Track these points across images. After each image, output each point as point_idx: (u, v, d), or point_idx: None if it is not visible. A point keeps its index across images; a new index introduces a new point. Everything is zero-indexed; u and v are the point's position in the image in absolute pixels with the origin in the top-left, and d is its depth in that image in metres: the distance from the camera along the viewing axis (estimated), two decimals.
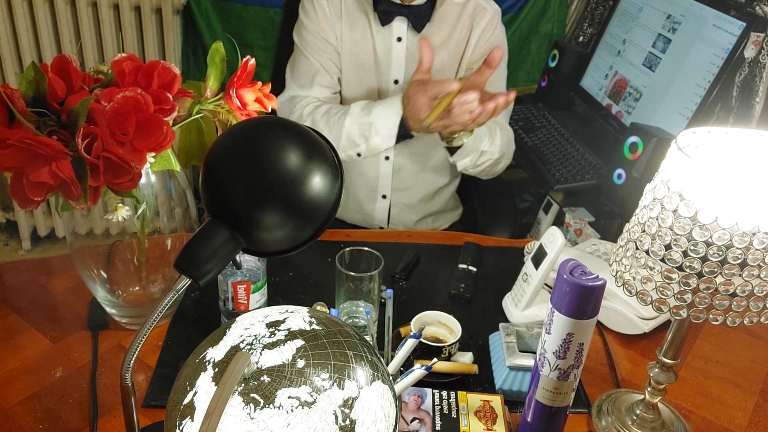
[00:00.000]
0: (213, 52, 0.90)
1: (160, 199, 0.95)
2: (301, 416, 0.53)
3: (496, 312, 1.12)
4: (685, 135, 0.76)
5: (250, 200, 0.61)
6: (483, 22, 1.44)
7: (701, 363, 1.05)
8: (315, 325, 0.61)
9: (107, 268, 0.98)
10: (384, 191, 1.54)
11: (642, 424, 0.89)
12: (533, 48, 2.15)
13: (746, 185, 0.68)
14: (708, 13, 1.49)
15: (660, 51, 1.63)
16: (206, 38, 2.06)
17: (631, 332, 1.08)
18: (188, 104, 0.88)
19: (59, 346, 0.99)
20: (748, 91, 1.47)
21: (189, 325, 1.05)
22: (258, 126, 0.64)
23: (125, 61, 0.81)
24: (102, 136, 0.75)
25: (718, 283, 0.71)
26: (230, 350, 0.59)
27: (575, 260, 0.77)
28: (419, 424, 0.85)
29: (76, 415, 0.88)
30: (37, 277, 1.14)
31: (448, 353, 0.96)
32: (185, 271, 0.61)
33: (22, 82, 0.77)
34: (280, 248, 0.65)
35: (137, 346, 0.61)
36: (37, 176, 0.74)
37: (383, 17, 1.39)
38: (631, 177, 1.51)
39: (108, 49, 2.10)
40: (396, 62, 1.43)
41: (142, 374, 0.95)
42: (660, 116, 1.57)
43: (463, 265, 1.21)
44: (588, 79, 1.91)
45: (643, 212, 0.77)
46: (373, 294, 1.02)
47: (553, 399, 0.82)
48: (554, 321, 0.77)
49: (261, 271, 0.99)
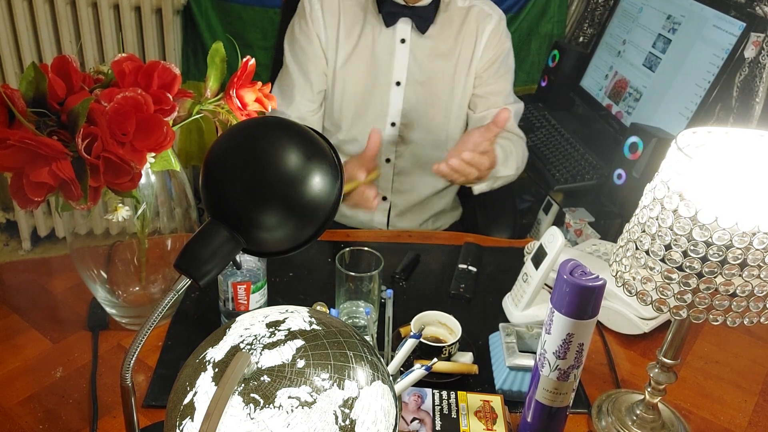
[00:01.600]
0: (213, 53, 0.90)
1: (160, 199, 0.95)
2: (301, 416, 0.53)
3: (496, 312, 1.12)
4: (685, 135, 0.76)
5: (250, 200, 0.61)
6: (489, 28, 1.44)
7: (701, 363, 1.05)
8: (315, 325, 0.61)
9: (107, 268, 0.98)
10: (384, 193, 1.54)
11: (642, 424, 0.89)
12: (533, 48, 2.15)
13: (746, 185, 0.68)
14: (708, 13, 1.50)
15: (660, 51, 1.63)
16: (206, 38, 2.06)
17: (631, 332, 1.08)
18: (188, 104, 0.88)
19: (59, 346, 0.99)
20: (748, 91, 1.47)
21: (189, 325, 1.05)
22: (258, 126, 0.64)
23: (125, 61, 0.81)
24: (102, 136, 0.75)
25: (718, 283, 0.71)
26: (230, 350, 0.59)
27: (575, 260, 0.77)
28: (419, 424, 0.85)
29: (76, 415, 0.88)
30: (37, 277, 1.14)
31: (448, 353, 0.96)
32: (185, 272, 0.61)
33: (22, 82, 0.77)
34: (280, 248, 0.65)
35: (137, 346, 0.61)
36: (37, 176, 0.74)
37: (388, 18, 1.39)
38: (631, 177, 1.51)
39: (108, 49, 2.10)
40: (398, 64, 1.43)
41: (142, 374, 0.95)
42: (660, 116, 1.58)
43: (463, 265, 1.21)
44: (588, 80, 1.91)
45: (643, 212, 0.77)
46: (373, 294, 1.02)
47: (553, 399, 0.82)
48: (554, 321, 0.77)
49: (261, 271, 0.99)
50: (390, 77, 1.44)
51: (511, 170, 1.41)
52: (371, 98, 1.45)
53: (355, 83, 1.44)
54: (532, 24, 2.11)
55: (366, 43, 1.42)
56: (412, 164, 1.52)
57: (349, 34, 1.42)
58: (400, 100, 1.45)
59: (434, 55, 1.43)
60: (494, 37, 1.45)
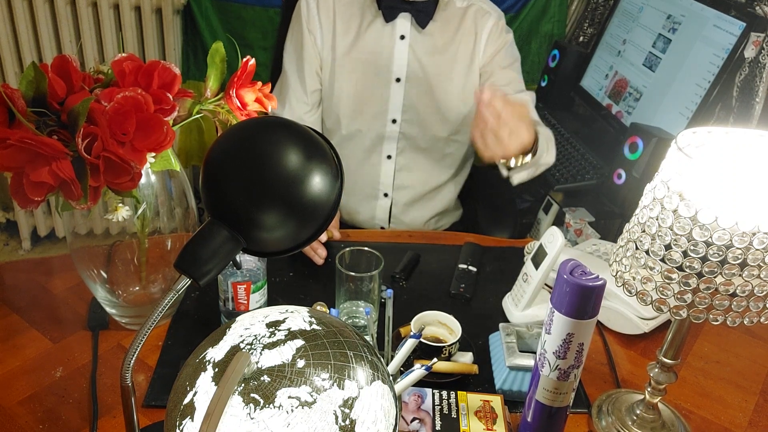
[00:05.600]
0: (213, 52, 0.90)
1: (160, 199, 0.95)
2: (301, 416, 0.53)
3: (496, 312, 1.12)
4: (685, 135, 0.76)
5: (250, 200, 0.61)
6: (488, 25, 1.44)
7: (701, 363, 1.05)
8: (315, 325, 0.61)
9: (107, 268, 0.98)
10: (385, 189, 1.54)
11: (642, 424, 0.89)
12: (533, 48, 2.15)
13: (746, 185, 0.68)
14: (708, 13, 1.49)
15: (660, 51, 1.63)
16: (206, 38, 2.06)
17: (631, 332, 1.08)
18: (188, 104, 0.88)
19: (59, 346, 0.99)
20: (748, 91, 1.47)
21: (189, 325, 1.05)
22: (258, 126, 0.64)
23: (125, 61, 0.81)
24: (102, 136, 0.75)
25: (718, 283, 0.71)
26: (230, 350, 0.59)
27: (575, 260, 0.77)
28: (419, 424, 0.85)
29: (76, 415, 0.88)
30: (37, 277, 1.14)
31: (448, 353, 0.96)
32: (185, 271, 0.61)
33: (22, 82, 0.77)
34: (280, 248, 0.65)
35: (137, 346, 0.61)
36: (37, 176, 0.74)
37: (387, 13, 1.39)
38: (631, 177, 1.51)
39: (108, 49, 2.10)
40: (398, 60, 1.43)
41: (142, 374, 0.95)
42: (660, 116, 1.57)
43: (463, 265, 1.21)
44: (588, 79, 1.91)
45: (643, 212, 0.77)
46: (373, 294, 1.02)
47: (553, 399, 0.82)
48: (554, 321, 0.77)
49: (261, 271, 0.99)
50: (390, 74, 1.44)
51: (552, 158, 1.37)
52: (371, 95, 1.45)
53: (354, 80, 1.44)
54: (532, 24, 2.11)
55: (365, 40, 1.42)
56: (414, 160, 1.52)
57: (347, 31, 1.42)
58: (401, 96, 1.44)
59: (434, 52, 1.43)
60: (494, 33, 1.45)
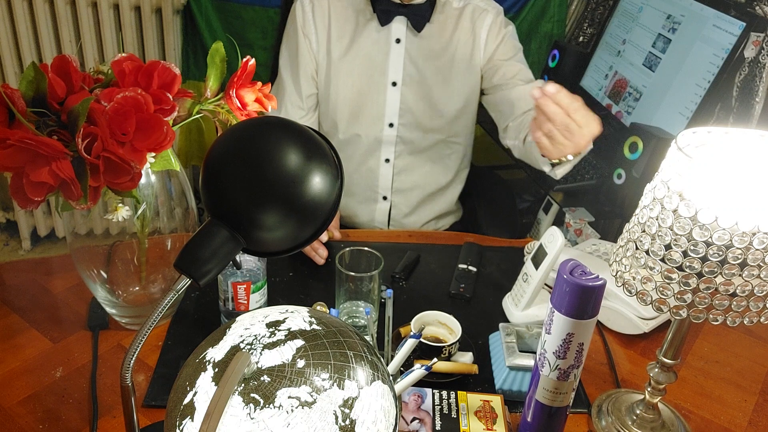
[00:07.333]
0: (213, 52, 0.90)
1: (160, 199, 0.95)
2: (301, 416, 0.53)
3: (496, 312, 1.12)
4: (685, 135, 0.76)
5: (250, 200, 0.61)
6: (487, 23, 1.43)
7: (701, 363, 1.05)
8: (315, 325, 0.61)
9: (107, 268, 0.98)
10: (384, 193, 1.54)
11: (642, 424, 0.89)
12: (533, 48, 2.15)
13: (746, 185, 0.68)
14: (708, 13, 1.49)
15: (660, 51, 1.63)
16: (206, 38, 2.06)
17: (631, 332, 1.08)
18: (188, 104, 0.88)
19: (59, 346, 0.99)
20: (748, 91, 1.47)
21: (189, 325, 1.05)
22: (258, 126, 0.64)
23: (125, 61, 0.81)
24: (102, 136, 0.75)
25: (718, 283, 0.71)
26: (230, 350, 0.59)
27: (575, 260, 0.77)
28: (419, 424, 0.85)
29: (76, 415, 0.88)
30: (37, 277, 1.14)
31: (448, 353, 0.96)
32: (185, 271, 0.61)
33: (22, 82, 0.77)
34: (280, 248, 0.65)
35: (137, 346, 0.61)
36: (37, 176, 0.74)
37: (382, 17, 1.39)
38: (631, 177, 1.51)
39: (108, 49, 2.10)
40: (394, 64, 1.42)
41: (142, 374, 0.95)
42: (660, 116, 1.58)
43: (463, 265, 1.21)
44: (588, 79, 1.91)
45: (643, 212, 0.77)
46: (373, 294, 1.02)
47: (553, 399, 0.82)
48: (554, 321, 0.77)
49: (261, 271, 0.99)
50: (386, 78, 1.43)
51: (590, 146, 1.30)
52: (367, 99, 1.44)
53: (350, 84, 1.44)
54: (532, 24, 2.11)
55: (360, 44, 1.41)
56: (412, 163, 1.51)
57: (342, 35, 1.42)
58: (397, 100, 1.44)
59: (430, 55, 1.42)
60: (494, 29, 1.44)
